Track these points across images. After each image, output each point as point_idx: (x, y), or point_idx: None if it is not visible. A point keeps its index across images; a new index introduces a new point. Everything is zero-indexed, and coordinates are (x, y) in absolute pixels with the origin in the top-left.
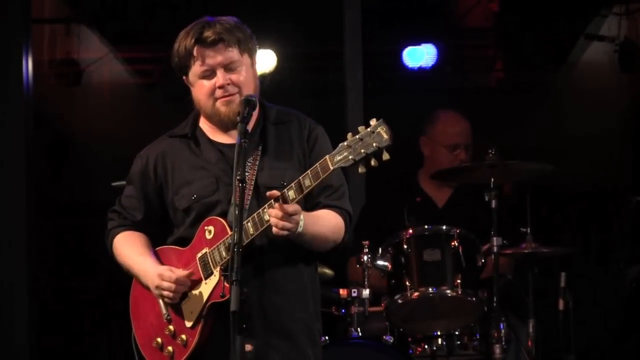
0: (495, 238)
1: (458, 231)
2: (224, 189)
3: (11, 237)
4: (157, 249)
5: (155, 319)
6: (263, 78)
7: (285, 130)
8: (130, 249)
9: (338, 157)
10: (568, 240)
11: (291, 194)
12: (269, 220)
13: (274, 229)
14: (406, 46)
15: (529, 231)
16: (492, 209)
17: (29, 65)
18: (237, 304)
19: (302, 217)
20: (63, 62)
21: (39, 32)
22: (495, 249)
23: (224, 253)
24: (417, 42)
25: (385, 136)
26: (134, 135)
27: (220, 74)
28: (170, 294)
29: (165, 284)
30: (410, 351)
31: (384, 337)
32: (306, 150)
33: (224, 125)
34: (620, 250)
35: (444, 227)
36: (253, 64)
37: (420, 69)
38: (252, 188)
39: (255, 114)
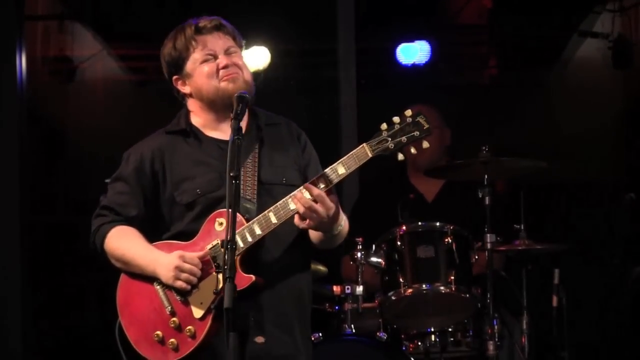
0: (488, 235)
1: (452, 227)
2: None
3: (4, 234)
4: (153, 244)
5: (154, 313)
6: (257, 75)
7: (276, 131)
8: (130, 241)
9: (377, 146)
10: (561, 237)
11: (321, 184)
12: (294, 209)
13: (296, 220)
14: (400, 43)
15: (522, 228)
16: (485, 206)
17: (22, 62)
18: (231, 301)
19: (343, 217)
20: (57, 59)
21: (32, 29)
22: (489, 246)
23: (241, 244)
24: (410, 39)
25: (427, 125)
26: (128, 132)
27: (222, 56)
28: (190, 277)
29: (187, 266)
30: (404, 348)
31: (378, 333)
32: (299, 151)
33: (227, 108)
34: (614, 247)
35: (438, 224)
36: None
37: (414, 65)
38: (256, 184)
39: (246, 115)
